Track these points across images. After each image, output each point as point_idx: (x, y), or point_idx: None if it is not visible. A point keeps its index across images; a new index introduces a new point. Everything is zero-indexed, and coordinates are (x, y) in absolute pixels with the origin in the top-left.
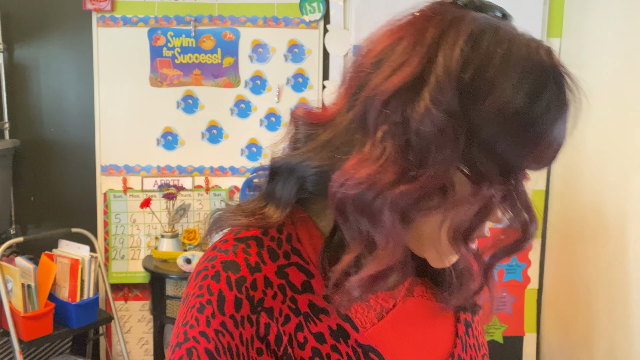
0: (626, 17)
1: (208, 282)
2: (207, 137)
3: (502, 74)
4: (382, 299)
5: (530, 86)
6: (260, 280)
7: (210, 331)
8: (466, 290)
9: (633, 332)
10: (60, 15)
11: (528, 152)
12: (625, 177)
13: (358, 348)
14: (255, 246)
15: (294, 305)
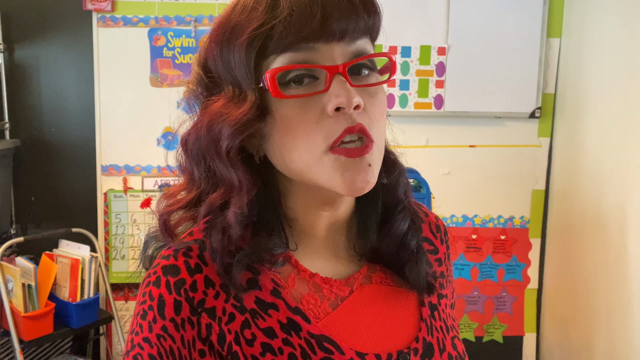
0: (626, 17)
1: (150, 289)
2: None
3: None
4: (336, 288)
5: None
6: (200, 282)
7: (152, 336)
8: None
9: (633, 332)
10: (61, 16)
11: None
12: (625, 177)
13: (311, 339)
14: (197, 249)
15: (238, 303)
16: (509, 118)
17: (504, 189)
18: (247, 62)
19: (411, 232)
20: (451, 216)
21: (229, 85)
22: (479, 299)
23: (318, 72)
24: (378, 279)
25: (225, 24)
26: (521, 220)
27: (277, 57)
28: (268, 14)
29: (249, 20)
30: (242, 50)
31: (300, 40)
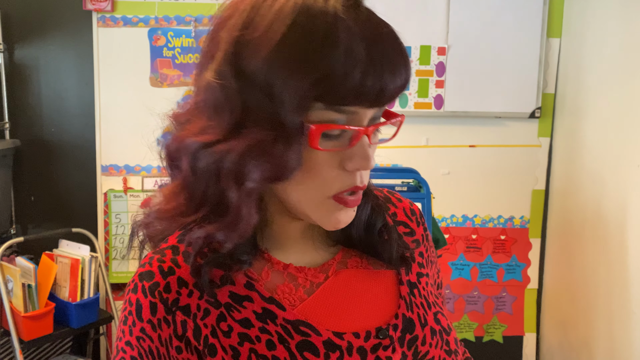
0: (626, 17)
1: (129, 296)
2: None
3: (275, 21)
4: (311, 276)
5: (301, 28)
6: (173, 282)
7: (133, 339)
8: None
9: (633, 332)
10: (61, 16)
11: (301, 88)
12: (625, 177)
13: (287, 325)
14: (170, 254)
15: (212, 299)
16: (509, 118)
17: (504, 189)
18: (301, 107)
19: (375, 214)
20: (451, 216)
21: (265, 112)
22: (479, 299)
23: (348, 130)
24: (354, 264)
25: (284, 43)
26: (521, 220)
27: (324, 109)
28: (338, 69)
29: (319, 62)
30: (301, 91)
31: (354, 104)
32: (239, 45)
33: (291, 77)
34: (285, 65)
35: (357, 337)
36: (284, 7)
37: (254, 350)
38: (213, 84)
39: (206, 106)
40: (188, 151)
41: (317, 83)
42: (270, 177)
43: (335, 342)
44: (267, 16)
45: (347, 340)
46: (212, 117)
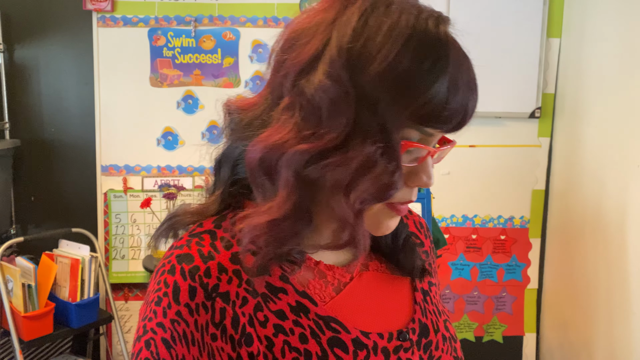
0: (626, 17)
1: (165, 277)
2: (207, 137)
3: (388, 41)
4: (339, 274)
5: (412, 51)
6: (213, 268)
7: (166, 321)
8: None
9: (633, 332)
10: (61, 16)
11: (407, 109)
12: (625, 177)
13: (319, 320)
14: (208, 238)
15: (250, 287)
16: (509, 118)
17: (504, 189)
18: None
19: (400, 225)
20: (451, 216)
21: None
22: (479, 299)
23: (420, 150)
24: (374, 267)
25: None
26: (521, 220)
27: (413, 126)
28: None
29: (430, 85)
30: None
31: (439, 129)
32: (350, 54)
33: (400, 97)
34: (396, 84)
35: (381, 338)
36: (395, 26)
37: (287, 342)
38: (329, 85)
39: (314, 108)
40: (295, 159)
41: (422, 106)
42: (379, 197)
43: (363, 341)
44: (379, 33)
45: (373, 340)
46: (320, 123)
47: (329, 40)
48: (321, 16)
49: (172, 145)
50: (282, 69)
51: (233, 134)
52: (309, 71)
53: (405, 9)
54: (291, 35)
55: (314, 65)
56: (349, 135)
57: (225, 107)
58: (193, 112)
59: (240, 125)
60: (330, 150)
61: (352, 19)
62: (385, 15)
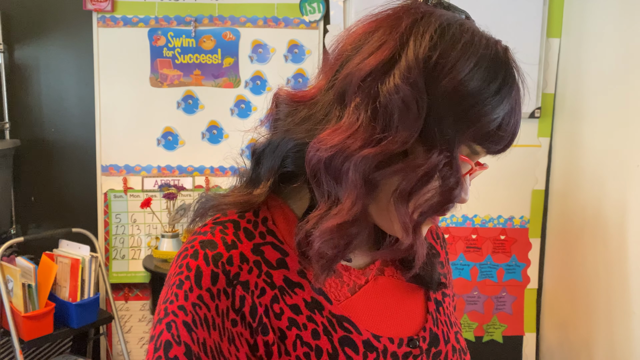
0: (626, 17)
1: (187, 261)
2: (207, 137)
3: (462, 57)
4: (354, 276)
5: (484, 71)
6: (236, 256)
7: (188, 304)
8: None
9: (633, 332)
10: (61, 16)
11: (471, 126)
12: (625, 177)
13: (332, 318)
14: (232, 227)
15: (269, 279)
16: None
17: (504, 189)
18: (461, 138)
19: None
20: (451, 216)
21: (440, 135)
22: (478, 299)
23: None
24: (390, 273)
25: (477, 80)
26: (521, 220)
27: (466, 143)
28: (502, 118)
29: (495, 107)
30: (469, 127)
31: (487, 150)
32: (426, 64)
33: (466, 113)
34: (465, 100)
35: (391, 342)
36: (470, 45)
37: (299, 337)
38: (406, 89)
39: (387, 110)
40: (365, 162)
41: (483, 125)
42: (439, 208)
43: (373, 344)
44: (455, 48)
45: (383, 343)
46: (390, 126)
47: (404, 47)
48: (392, 23)
49: (172, 146)
50: (345, 67)
51: (284, 126)
52: (382, 74)
53: (476, 30)
54: (356, 38)
55: (387, 70)
56: (417, 142)
57: (274, 98)
58: (193, 112)
59: (294, 117)
60: (398, 156)
61: (429, 31)
62: (460, 33)
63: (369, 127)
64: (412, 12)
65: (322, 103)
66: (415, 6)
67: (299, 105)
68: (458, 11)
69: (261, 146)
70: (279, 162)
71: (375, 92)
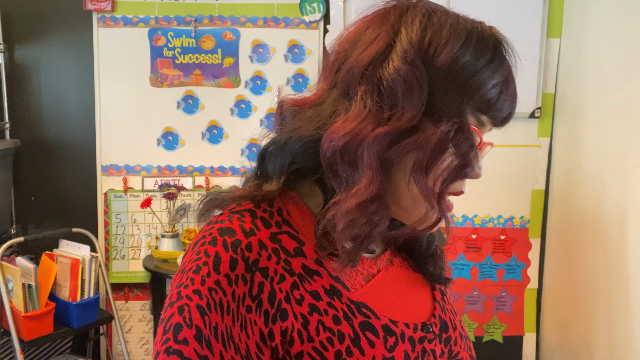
0: (626, 17)
1: (205, 247)
2: (207, 137)
3: (452, 35)
4: (367, 265)
5: (475, 44)
6: (255, 243)
7: (204, 289)
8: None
9: (633, 332)
10: (61, 16)
11: (473, 95)
12: (625, 177)
13: (351, 304)
14: (249, 216)
15: (287, 266)
16: None
17: (504, 189)
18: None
19: (431, 234)
20: (451, 216)
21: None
22: (478, 299)
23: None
24: (398, 263)
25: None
26: (521, 220)
27: (472, 113)
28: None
29: (491, 75)
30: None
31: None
32: (420, 44)
33: (465, 84)
34: (463, 72)
35: (407, 327)
36: (457, 24)
37: (321, 322)
38: (405, 69)
39: (391, 91)
40: (377, 142)
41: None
42: (458, 173)
43: (392, 328)
44: (443, 28)
45: (401, 328)
46: (397, 104)
47: (397, 35)
48: (382, 18)
49: (172, 145)
50: (344, 64)
51: (290, 126)
52: (381, 62)
53: (459, 14)
54: (350, 37)
55: (386, 57)
56: (424, 117)
57: (279, 106)
58: (193, 112)
59: (301, 117)
60: (409, 131)
61: (417, 18)
62: (445, 17)
63: (377, 111)
64: (398, 7)
65: (328, 101)
66: (400, 2)
67: (304, 108)
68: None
69: (266, 145)
70: (289, 160)
71: (378, 78)
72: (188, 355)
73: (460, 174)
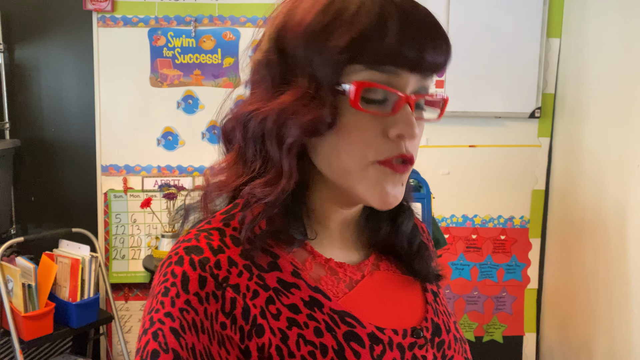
0: (626, 17)
1: (172, 268)
2: (207, 137)
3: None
4: (350, 272)
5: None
6: (224, 261)
7: (175, 310)
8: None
9: (633, 332)
10: (61, 16)
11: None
12: (625, 177)
13: (334, 314)
14: (217, 234)
15: (261, 282)
16: (509, 118)
17: (504, 189)
18: (336, 68)
19: (415, 229)
20: (451, 216)
21: (304, 79)
22: (479, 299)
23: (390, 95)
24: (385, 267)
25: (318, 17)
26: (521, 220)
27: (364, 69)
28: (373, 29)
29: (352, 25)
30: (334, 53)
31: (393, 64)
32: (281, 28)
33: (327, 41)
34: (322, 32)
35: (395, 334)
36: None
37: (302, 335)
38: (258, 59)
39: (253, 82)
40: (239, 122)
41: (352, 43)
42: (306, 130)
43: (379, 336)
44: (299, 6)
45: (388, 335)
46: (256, 88)
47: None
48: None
49: (172, 145)
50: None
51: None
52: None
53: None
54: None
55: (260, 41)
56: (279, 92)
57: None
58: (193, 112)
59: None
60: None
61: (288, 4)
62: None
63: (248, 97)
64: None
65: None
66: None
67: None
68: None
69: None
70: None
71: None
72: None
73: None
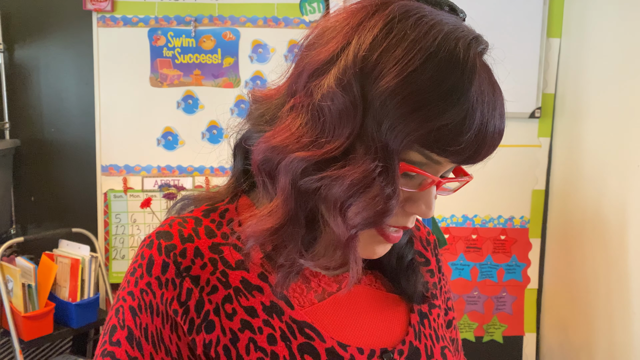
0: (626, 17)
1: (142, 250)
2: (207, 137)
3: (406, 56)
4: (324, 283)
5: (430, 71)
6: (190, 250)
7: (136, 290)
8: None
9: (633, 332)
10: (61, 16)
11: (413, 132)
12: (625, 177)
13: (292, 324)
14: (192, 223)
15: (224, 278)
16: (509, 118)
17: (504, 189)
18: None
19: (408, 245)
20: (451, 216)
21: (375, 139)
22: (478, 299)
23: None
24: (367, 282)
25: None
26: (521, 221)
27: (419, 150)
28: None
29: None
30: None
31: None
32: (364, 64)
33: (409, 117)
34: (407, 103)
35: (360, 353)
36: (419, 41)
37: (253, 340)
38: (338, 94)
39: (320, 114)
40: (292, 166)
41: (432, 131)
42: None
43: (338, 353)
44: (399, 45)
45: (350, 353)
46: (323, 131)
47: (348, 44)
48: (348, 18)
49: (172, 145)
50: (300, 66)
51: (249, 122)
52: (321, 74)
53: (437, 23)
54: (318, 33)
55: (327, 68)
56: (350, 149)
57: (248, 94)
58: (193, 112)
59: (254, 115)
60: (329, 162)
61: (377, 26)
62: (412, 28)
63: (303, 130)
64: (368, 6)
65: (277, 102)
66: (375, 1)
67: (261, 104)
68: (438, 5)
69: (237, 141)
70: (242, 160)
71: (311, 93)
72: (119, 356)
73: (375, 222)
